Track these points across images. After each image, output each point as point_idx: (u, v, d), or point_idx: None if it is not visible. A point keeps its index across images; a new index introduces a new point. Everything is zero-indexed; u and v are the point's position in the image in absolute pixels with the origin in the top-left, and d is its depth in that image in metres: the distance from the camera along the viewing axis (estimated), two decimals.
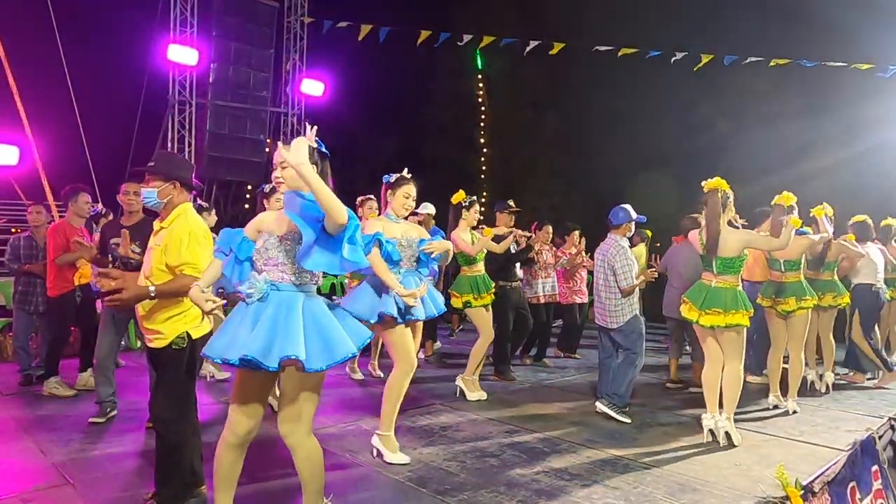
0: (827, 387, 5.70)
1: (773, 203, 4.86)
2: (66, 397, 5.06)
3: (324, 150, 2.57)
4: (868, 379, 6.16)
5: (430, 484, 3.33)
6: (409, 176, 3.91)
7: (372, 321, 3.60)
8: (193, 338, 2.94)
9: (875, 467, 4.07)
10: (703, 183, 4.20)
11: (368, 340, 2.63)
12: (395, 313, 3.60)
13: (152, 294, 2.79)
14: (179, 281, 2.82)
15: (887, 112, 11.63)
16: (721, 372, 4.17)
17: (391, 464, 3.59)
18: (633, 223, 4.87)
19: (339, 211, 2.26)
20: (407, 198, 3.85)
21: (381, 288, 3.67)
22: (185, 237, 2.88)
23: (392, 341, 3.70)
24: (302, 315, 2.43)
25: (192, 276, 2.80)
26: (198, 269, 2.84)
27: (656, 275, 4.89)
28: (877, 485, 4.00)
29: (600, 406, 4.73)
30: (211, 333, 3.02)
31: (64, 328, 5.38)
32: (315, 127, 2.58)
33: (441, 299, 4.12)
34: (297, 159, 2.25)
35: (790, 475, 3.26)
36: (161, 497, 2.91)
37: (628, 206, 4.86)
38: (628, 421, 4.59)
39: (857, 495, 3.73)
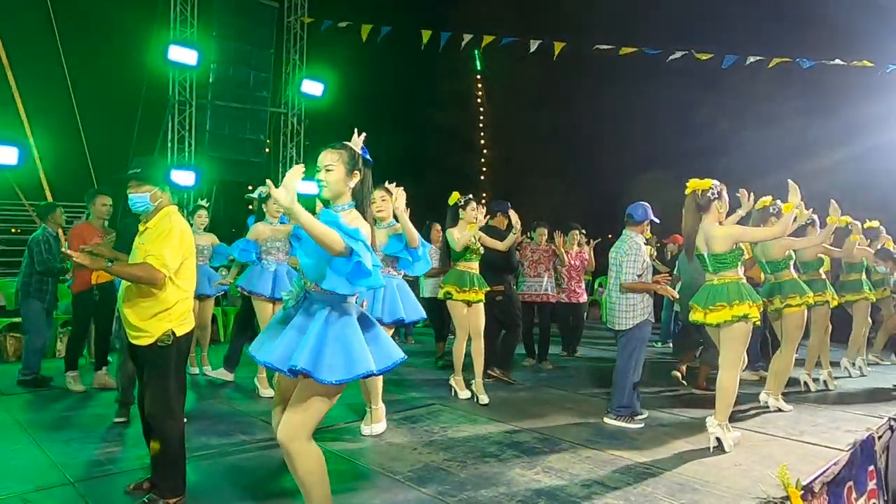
0: (825, 383, 5.75)
1: (756, 207, 4.91)
2: (77, 392, 5.19)
3: (367, 157, 2.56)
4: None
5: (430, 484, 3.33)
6: (380, 187, 4.10)
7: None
8: (178, 335, 3.01)
9: (871, 467, 4.07)
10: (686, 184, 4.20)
11: (399, 363, 2.53)
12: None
13: (108, 267, 2.85)
14: (141, 268, 2.88)
15: (887, 112, 11.64)
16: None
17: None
18: (650, 222, 4.74)
19: (332, 243, 2.22)
20: (374, 202, 3.98)
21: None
22: (164, 233, 2.98)
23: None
24: (324, 326, 2.39)
25: (154, 266, 2.87)
26: (162, 264, 2.90)
27: (669, 280, 4.78)
28: (871, 485, 4.00)
29: (608, 421, 4.60)
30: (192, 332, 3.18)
31: (82, 325, 5.51)
32: (364, 134, 2.57)
33: (416, 305, 4.31)
34: (287, 201, 2.13)
35: (791, 475, 3.26)
36: (160, 490, 2.97)
37: (647, 204, 4.70)
38: (641, 426, 4.50)
39: (853, 495, 3.74)
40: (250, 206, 6.53)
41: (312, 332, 2.38)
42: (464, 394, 5.28)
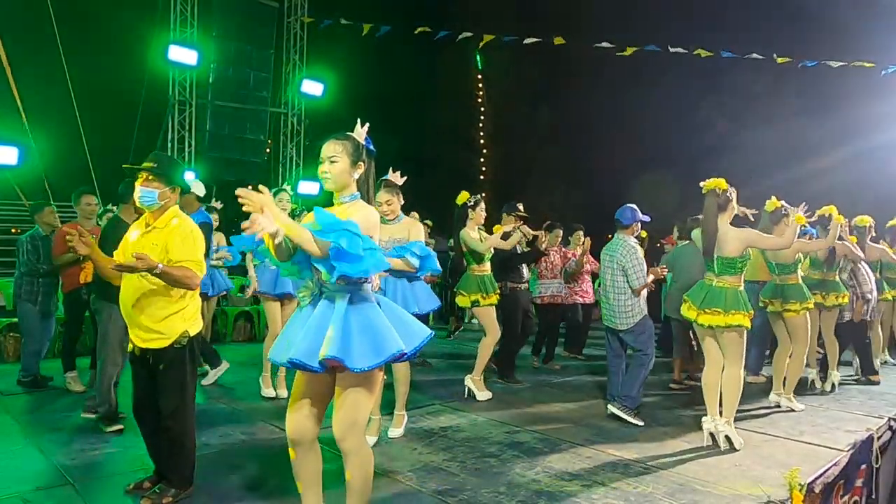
0: (833, 386, 5.72)
1: (765, 208, 4.92)
2: (77, 392, 5.18)
3: (371, 148, 2.56)
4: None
5: (430, 484, 3.34)
6: (382, 181, 4.05)
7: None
8: (191, 335, 3.06)
9: (864, 466, 4.08)
10: (701, 184, 4.20)
11: (428, 340, 2.53)
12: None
13: (158, 270, 2.80)
14: (182, 271, 2.91)
15: (888, 112, 11.64)
16: (720, 374, 4.15)
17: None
18: (640, 223, 4.84)
19: (312, 250, 2.25)
20: (379, 205, 3.93)
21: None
22: (188, 236, 3.00)
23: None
24: (346, 314, 2.36)
25: (195, 271, 2.94)
26: (199, 266, 2.98)
27: (665, 273, 4.87)
28: (858, 482, 4.01)
29: (612, 409, 4.66)
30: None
31: (75, 325, 5.51)
32: (367, 125, 2.57)
33: (430, 295, 4.22)
34: (273, 228, 2.15)
35: (792, 476, 3.26)
36: (173, 483, 3.04)
37: (634, 206, 4.81)
38: (641, 423, 4.52)
39: (840, 492, 3.75)
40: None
41: (336, 322, 2.34)
42: (483, 395, 5.24)
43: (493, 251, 5.36)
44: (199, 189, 5.62)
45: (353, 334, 2.33)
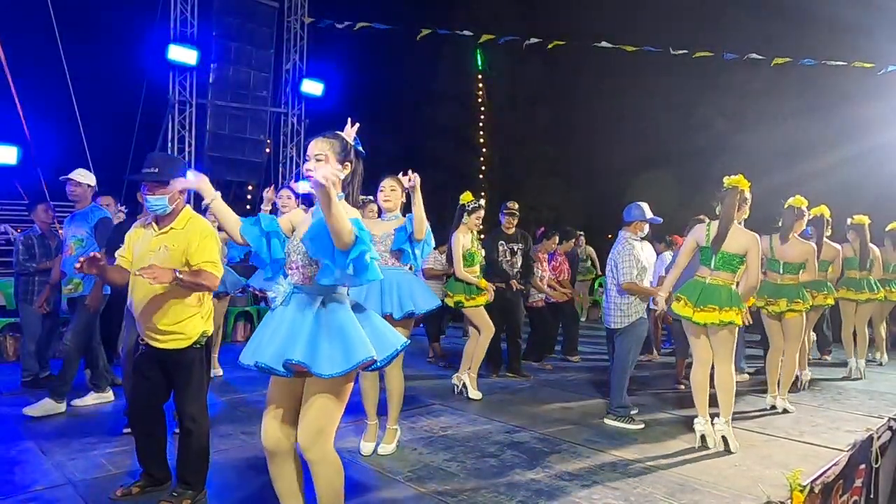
0: (803, 384, 5.72)
1: (786, 205, 4.92)
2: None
3: (360, 149, 2.51)
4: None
5: (430, 484, 3.34)
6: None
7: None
8: (208, 335, 3.06)
9: (863, 465, 4.08)
10: (724, 178, 4.18)
11: (401, 349, 2.45)
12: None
13: (179, 277, 2.74)
14: (201, 275, 2.90)
15: (887, 112, 11.64)
16: (709, 373, 4.14)
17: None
18: (647, 223, 4.74)
19: (344, 231, 2.09)
20: (381, 190, 3.92)
21: None
22: (208, 235, 3.00)
23: None
24: (317, 317, 2.29)
25: (214, 273, 2.92)
26: (217, 267, 2.96)
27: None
28: (858, 482, 4.02)
29: (608, 422, 4.61)
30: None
31: (105, 324, 5.39)
32: (357, 124, 2.51)
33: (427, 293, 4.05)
34: (329, 183, 1.99)
35: (803, 479, 3.26)
36: (191, 485, 3.01)
37: (644, 205, 4.74)
38: (641, 426, 4.49)
39: (839, 492, 3.75)
40: (248, 207, 6.47)
41: (306, 325, 2.28)
42: (475, 394, 5.23)
43: (482, 255, 5.37)
44: (88, 179, 5.27)
45: (322, 339, 2.25)
